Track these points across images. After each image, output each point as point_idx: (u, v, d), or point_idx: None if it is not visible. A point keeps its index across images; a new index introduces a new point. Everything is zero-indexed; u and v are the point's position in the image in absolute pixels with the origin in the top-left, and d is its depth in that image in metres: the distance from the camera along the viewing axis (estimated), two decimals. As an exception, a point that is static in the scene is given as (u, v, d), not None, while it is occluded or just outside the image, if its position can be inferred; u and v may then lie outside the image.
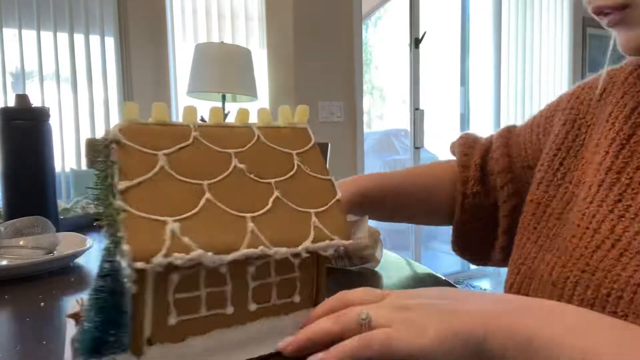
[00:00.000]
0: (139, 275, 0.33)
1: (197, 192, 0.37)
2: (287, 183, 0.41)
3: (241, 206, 0.38)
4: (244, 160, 0.41)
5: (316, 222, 0.39)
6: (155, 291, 0.34)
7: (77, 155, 2.54)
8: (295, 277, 0.40)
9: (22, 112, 0.83)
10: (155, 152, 0.38)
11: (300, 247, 0.37)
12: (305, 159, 0.43)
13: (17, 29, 2.44)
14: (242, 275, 0.38)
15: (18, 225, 0.70)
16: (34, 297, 0.54)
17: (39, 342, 0.40)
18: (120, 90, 2.59)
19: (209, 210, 0.37)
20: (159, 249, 0.32)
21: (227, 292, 0.37)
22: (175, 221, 0.34)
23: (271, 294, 0.39)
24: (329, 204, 0.41)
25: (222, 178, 0.39)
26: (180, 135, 0.41)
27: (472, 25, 3.35)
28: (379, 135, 4.72)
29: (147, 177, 0.36)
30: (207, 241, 0.34)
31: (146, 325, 0.34)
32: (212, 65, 2.13)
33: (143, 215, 0.34)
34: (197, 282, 0.36)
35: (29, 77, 2.52)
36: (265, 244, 0.36)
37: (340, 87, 2.65)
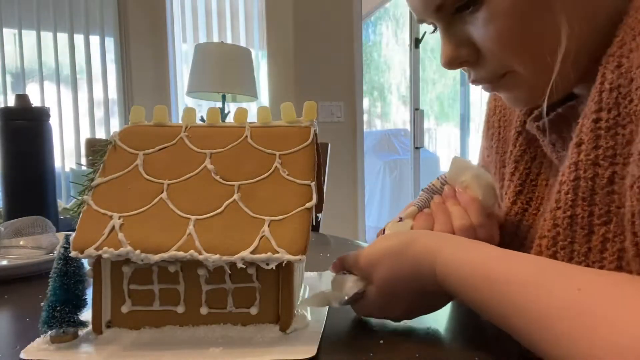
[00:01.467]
0: (94, 263, 0.38)
1: (155, 190, 0.40)
2: (254, 186, 0.40)
3: (192, 208, 0.39)
4: (217, 161, 0.42)
5: (266, 232, 0.37)
6: (112, 280, 0.39)
7: (77, 155, 2.54)
8: (254, 288, 0.39)
9: (22, 112, 0.83)
10: (137, 151, 0.42)
11: (235, 256, 0.36)
12: (289, 160, 0.42)
13: (17, 29, 2.45)
14: (195, 278, 0.39)
15: (18, 225, 0.70)
16: (34, 297, 0.54)
17: (39, 342, 0.40)
18: (120, 90, 2.59)
19: (158, 209, 0.39)
20: (94, 241, 0.36)
21: (180, 292, 0.39)
22: (120, 217, 0.38)
23: (226, 301, 0.39)
24: (292, 212, 0.39)
25: (185, 179, 0.41)
26: (168, 136, 0.44)
27: (472, 25, 3.35)
28: (379, 135, 4.73)
29: (118, 175, 0.41)
30: (141, 239, 0.37)
31: (105, 309, 0.39)
32: (212, 65, 2.13)
33: (98, 209, 0.38)
34: (150, 277, 0.39)
35: (29, 77, 2.52)
36: (197, 248, 0.36)
37: (340, 87, 2.65)
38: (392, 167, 4.37)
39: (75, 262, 0.38)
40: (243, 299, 0.39)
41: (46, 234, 0.71)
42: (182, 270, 0.38)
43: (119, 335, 0.38)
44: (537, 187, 0.47)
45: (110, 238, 0.37)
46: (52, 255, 0.68)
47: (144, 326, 0.39)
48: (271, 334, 0.38)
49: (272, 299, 0.39)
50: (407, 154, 3.45)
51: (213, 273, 0.38)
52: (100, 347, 0.37)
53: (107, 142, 0.43)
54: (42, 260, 0.65)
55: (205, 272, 0.38)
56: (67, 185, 2.33)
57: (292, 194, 0.40)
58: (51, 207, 0.85)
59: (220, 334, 0.38)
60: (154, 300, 0.39)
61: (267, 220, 0.38)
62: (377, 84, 5.24)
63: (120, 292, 0.39)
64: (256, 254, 0.36)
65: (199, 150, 0.43)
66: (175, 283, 0.39)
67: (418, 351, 0.37)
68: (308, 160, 0.42)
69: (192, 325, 0.39)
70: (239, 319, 0.39)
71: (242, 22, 2.80)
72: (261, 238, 0.37)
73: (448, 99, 4.98)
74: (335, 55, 2.63)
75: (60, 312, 0.37)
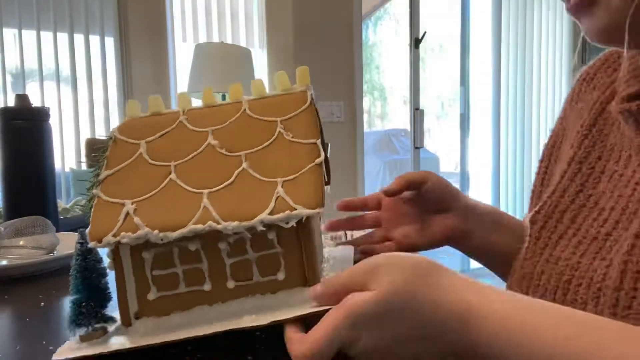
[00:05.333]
0: (113, 254, 0.37)
1: (163, 173, 0.40)
2: (261, 153, 0.40)
3: (203, 182, 0.39)
4: (220, 136, 0.42)
5: (280, 192, 0.37)
6: (134, 269, 0.38)
7: (77, 155, 2.54)
8: (277, 253, 0.38)
9: (22, 112, 0.83)
10: (138, 141, 0.42)
11: (254, 219, 0.36)
12: (291, 124, 0.42)
13: (17, 29, 2.44)
14: (217, 253, 0.38)
15: (18, 225, 0.70)
16: (34, 297, 0.54)
17: (39, 342, 0.40)
18: (120, 90, 2.59)
19: (169, 189, 0.39)
20: (111, 229, 0.36)
21: (204, 270, 0.38)
22: (133, 203, 0.37)
23: (252, 272, 0.38)
24: (303, 170, 0.39)
25: (191, 157, 0.41)
26: (167, 123, 0.44)
27: (472, 25, 3.35)
28: (379, 135, 4.73)
29: (124, 165, 0.41)
30: (157, 220, 0.36)
31: (131, 300, 0.38)
32: (212, 65, 2.13)
33: (109, 200, 0.38)
34: (172, 259, 0.38)
35: (29, 77, 2.52)
36: (214, 219, 0.36)
37: (340, 87, 2.65)
38: (392, 167, 4.37)
39: (93, 256, 0.38)
40: (268, 266, 0.38)
41: (46, 234, 0.71)
42: (202, 248, 0.38)
43: (149, 323, 0.38)
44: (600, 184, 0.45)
45: (127, 223, 0.36)
46: (52, 255, 0.68)
47: (172, 311, 0.38)
48: (302, 296, 0.38)
49: (296, 261, 0.39)
50: (407, 154, 3.45)
51: (234, 245, 0.38)
52: (132, 337, 0.37)
53: (108, 138, 0.43)
54: (42, 260, 0.65)
55: (226, 245, 0.38)
56: (67, 185, 2.33)
57: (300, 153, 0.40)
58: (51, 207, 0.85)
59: (251, 305, 0.38)
60: (179, 283, 0.38)
61: (279, 182, 0.38)
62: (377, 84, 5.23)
63: (144, 280, 0.38)
64: (274, 214, 0.36)
65: (200, 130, 0.43)
66: (197, 262, 0.38)
67: (418, 351, 0.37)
68: (310, 121, 0.42)
69: (221, 302, 0.38)
70: (267, 288, 0.39)
71: (242, 22, 2.80)
72: (277, 199, 0.37)
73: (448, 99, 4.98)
74: (335, 55, 2.63)
75: (87, 308, 0.37)
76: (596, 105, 0.49)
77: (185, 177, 0.39)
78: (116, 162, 0.41)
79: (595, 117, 0.48)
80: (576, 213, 0.45)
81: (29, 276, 0.63)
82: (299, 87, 0.45)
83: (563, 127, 0.56)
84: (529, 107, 3.38)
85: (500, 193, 3.43)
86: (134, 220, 0.36)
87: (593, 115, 0.49)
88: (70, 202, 1.12)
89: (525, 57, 3.34)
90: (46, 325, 0.45)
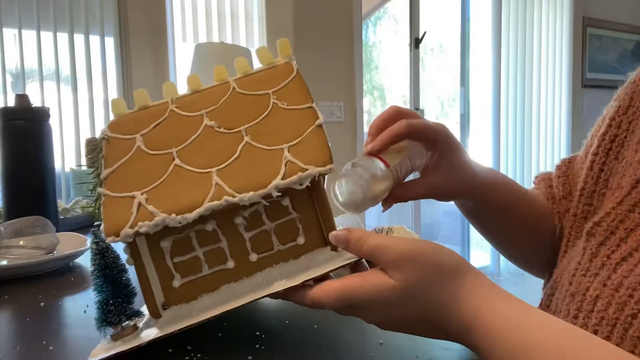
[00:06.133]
0: (130, 248, 0.37)
1: (166, 161, 0.40)
2: (260, 126, 0.41)
3: (209, 162, 0.39)
4: (215, 116, 0.42)
5: (288, 157, 0.38)
6: (154, 260, 0.37)
7: (77, 155, 2.54)
8: (294, 219, 0.39)
9: (22, 112, 0.83)
10: (133, 135, 0.42)
11: (269, 186, 0.36)
12: (284, 94, 0.43)
13: (17, 29, 2.44)
14: (234, 229, 0.38)
15: (18, 225, 0.70)
16: (34, 297, 0.54)
17: (39, 342, 0.40)
18: (120, 90, 2.59)
19: (176, 175, 0.39)
20: (126, 221, 0.36)
21: (224, 248, 0.38)
22: (143, 193, 0.37)
23: (272, 241, 0.39)
24: (305, 132, 0.39)
25: (191, 141, 0.41)
26: (158, 114, 0.44)
27: (472, 25, 3.35)
28: (379, 135, 4.72)
29: (124, 161, 0.41)
30: (172, 204, 0.36)
31: (157, 291, 0.38)
32: (212, 65, 2.12)
33: (117, 195, 0.38)
34: (190, 244, 0.38)
35: (29, 77, 2.52)
36: (228, 193, 0.36)
37: (340, 87, 2.65)
38: (392, 167, 4.37)
39: (111, 253, 0.38)
40: (286, 233, 0.39)
41: (46, 234, 0.71)
42: (219, 227, 0.38)
43: (179, 311, 0.38)
44: None
45: (141, 213, 0.36)
46: (52, 255, 0.68)
47: (200, 295, 0.38)
48: (324, 257, 0.38)
49: (314, 224, 0.39)
50: (407, 154, 3.44)
51: (250, 218, 0.38)
52: (163, 327, 0.37)
53: (100, 139, 0.43)
54: (42, 260, 0.65)
55: (243, 220, 0.38)
56: (67, 185, 2.33)
57: (299, 119, 0.40)
58: (51, 207, 0.85)
59: (277, 273, 0.38)
60: (202, 266, 0.38)
61: (285, 148, 0.38)
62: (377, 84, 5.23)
63: (166, 269, 0.38)
64: (287, 178, 0.36)
65: (193, 114, 0.43)
66: (216, 242, 0.38)
67: (418, 353, 0.37)
68: (301, 87, 0.43)
69: (246, 277, 0.39)
70: (289, 255, 0.39)
71: (242, 22, 2.80)
72: (286, 163, 0.37)
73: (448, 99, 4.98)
74: (335, 55, 2.63)
75: (115, 305, 0.37)
76: None
77: (189, 160, 0.39)
78: (115, 159, 0.41)
79: None
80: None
81: (29, 276, 0.63)
82: (282, 59, 0.46)
83: (629, 118, 0.46)
84: (529, 107, 3.38)
85: (500, 193, 3.42)
86: (148, 209, 0.36)
87: None
88: (70, 202, 1.12)
89: (525, 57, 3.34)
90: (46, 325, 0.45)
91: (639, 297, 0.36)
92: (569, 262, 0.46)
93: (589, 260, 0.42)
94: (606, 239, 0.41)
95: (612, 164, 0.46)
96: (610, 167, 0.46)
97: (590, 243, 0.42)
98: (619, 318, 0.36)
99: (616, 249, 0.39)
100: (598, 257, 0.41)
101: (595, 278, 0.40)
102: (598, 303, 0.38)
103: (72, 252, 0.67)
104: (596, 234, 0.42)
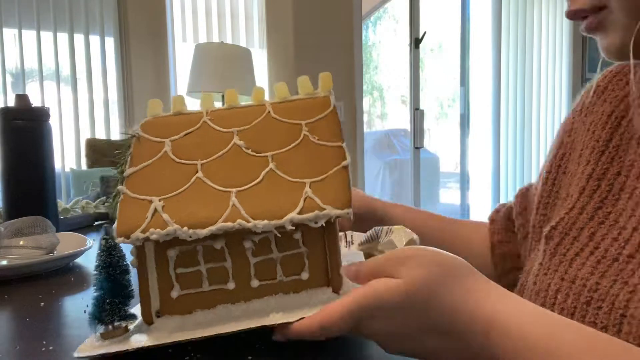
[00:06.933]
0: (138, 251, 0.37)
1: (190, 172, 0.40)
2: (287, 155, 0.41)
3: (230, 181, 0.39)
4: (246, 137, 0.42)
5: (309, 193, 0.37)
6: (158, 266, 0.38)
7: (77, 156, 2.54)
8: (302, 253, 0.39)
9: (22, 112, 0.83)
10: (163, 139, 0.42)
11: (284, 218, 0.36)
12: (316, 127, 0.42)
13: (17, 29, 2.45)
14: (241, 251, 0.38)
15: (18, 225, 0.70)
16: (34, 297, 0.54)
17: (39, 342, 0.40)
18: (120, 90, 2.59)
19: (196, 187, 0.39)
20: (139, 225, 0.35)
21: (228, 268, 0.38)
22: (160, 200, 0.37)
23: (276, 271, 0.39)
24: (330, 171, 0.39)
25: (217, 156, 0.41)
26: (191, 122, 0.44)
27: (472, 25, 3.35)
28: (379, 135, 4.73)
29: (149, 163, 0.41)
30: (186, 217, 0.36)
31: (154, 298, 0.38)
32: (212, 65, 2.13)
33: (135, 196, 0.38)
34: (196, 258, 0.38)
35: (29, 77, 2.52)
36: (243, 217, 0.36)
37: (340, 87, 2.65)
38: (392, 167, 4.38)
39: (118, 252, 0.37)
40: (292, 266, 0.39)
41: (46, 234, 0.71)
42: (227, 246, 0.38)
43: (171, 322, 0.38)
44: (619, 201, 0.44)
45: (155, 220, 0.36)
46: (52, 255, 0.68)
47: (195, 309, 0.38)
48: (325, 296, 0.38)
49: (320, 262, 0.39)
50: (407, 154, 3.45)
51: (259, 244, 0.38)
52: (153, 335, 0.36)
53: (132, 135, 0.43)
54: (42, 260, 0.65)
55: (252, 244, 0.38)
56: (67, 185, 2.33)
57: (326, 156, 0.40)
58: (51, 207, 0.85)
59: (275, 304, 0.38)
60: (203, 281, 0.38)
61: (307, 182, 0.38)
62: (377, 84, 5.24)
63: (167, 277, 0.38)
64: (303, 213, 0.36)
65: (225, 130, 0.43)
66: (222, 260, 0.38)
67: (418, 351, 0.37)
68: (333, 125, 0.43)
69: (244, 301, 0.39)
70: (290, 287, 0.39)
71: (242, 22, 2.80)
72: (305, 199, 0.37)
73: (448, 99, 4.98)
74: (335, 55, 2.63)
75: (111, 305, 0.36)
76: (611, 119, 0.48)
77: (212, 176, 0.39)
78: (141, 159, 0.41)
79: (611, 132, 0.47)
80: (594, 230, 0.43)
81: (29, 276, 0.63)
82: (321, 91, 0.45)
83: (572, 139, 0.54)
84: (529, 107, 3.38)
85: (500, 193, 3.43)
86: (162, 217, 0.36)
87: (609, 130, 0.47)
88: (71, 202, 1.12)
89: (525, 57, 3.35)
90: (46, 325, 0.45)
91: (590, 286, 0.40)
92: (532, 264, 0.50)
93: (549, 259, 0.46)
94: (562, 239, 0.46)
95: (561, 178, 0.53)
96: (560, 181, 0.53)
97: (549, 245, 0.47)
98: (577, 307, 0.40)
99: (570, 246, 0.44)
100: (556, 256, 0.45)
101: (555, 274, 0.44)
102: (558, 296, 0.42)
103: (72, 252, 0.67)
104: (553, 237, 0.46)
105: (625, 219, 0.42)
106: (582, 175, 0.48)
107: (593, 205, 0.45)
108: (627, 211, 0.42)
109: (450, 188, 4.71)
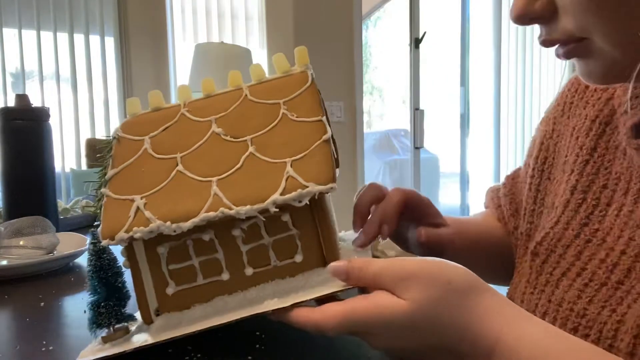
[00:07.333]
0: (128, 251, 0.37)
1: (170, 166, 0.40)
2: (267, 136, 0.40)
3: (211, 171, 0.38)
4: (224, 123, 0.42)
5: (290, 172, 0.36)
6: (150, 265, 0.37)
7: (77, 155, 2.54)
8: (293, 236, 0.38)
9: (22, 112, 0.83)
10: (142, 137, 0.42)
11: (266, 202, 0.35)
12: (295, 104, 0.41)
13: (17, 29, 2.45)
14: (231, 241, 0.38)
15: (18, 225, 0.70)
16: (34, 297, 0.54)
17: (39, 342, 0.40)
18: (120, 90, 2.59)
19: (177, 181, 0.38)
20: (123, 225, 0.35)
21: (220, 259, 0.38)
22: (142, 198, 0.37)
23: (269, 257, 0.38)
24: (311, 147, 0.38)
25: (196, 147, 0.41)
26: (169, 116, 0.44)
27: (472, 25, 3.35)
28: (379, 135, 4.73)
29: (130, 162, 0.41)
30: (168, 211, 0.36)
31: (150, 297, 0.38)
32: (212, 65, 2.13)
33: (118, 197, 0.38)
34: (187, 252, 0.37)
35: (29, 77, 2.52)
36: (225, 205, 0.35)
37: (340, 87, 2.65)
38: (392, 167, 4.38)
39: (108, 255, 0.37)
40: (284, 250, 0.38)
41: (46, 234, 0.71)
42: (216, 237, 0.37)
43: (171, 319, 0.38)
44: (606, 218, 0.42)
45: (138, 218, 0.36)
46: (52, 255, 0.68)
47: (193, 304, 0.38)
48: (322, 277, 0.37)
49: (313, 242, 0.38)
50: (407, 154, 3.45)
51: (248, 231, 0.37)
52: (154, 333, 0.36)
53: (111, 138, 0.43)
54: (42, 260, 0.65)
55: (240, 232, 0.37)
56: (67, 185, 2.33)
57: (306, 132, 0.39)
58: (51, 207, 0.85)
59: (272, 290, 0.37)
60: (197, 275, 0.38)
61: (288, 162, 0.37)
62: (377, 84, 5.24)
63: (160, 275, 0.38)
64: (286, 194, 0.35)
65: (202, 120, 0.43)
66: (213, 252, 0.38)
67: (418, 351, 0.37)
68: (313, 99, 0.42)
69: (241, 291, 0.38)
70: (285, 272, 0.38)
71: (242, 22, 2.80)
72: (287, 178, 0.36)
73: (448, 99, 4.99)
74: (335, 55, 2.63)
75: (106, 308, 0.36)
76: (595, 125, 0.46)
77: (192, 167, 0.39)
78: (121, 160, 0.41)
79: (596, 139, 0.45)
80: (581, 249, 0.42)
81: (29, 276, 0.63)
82: (298, 67, 0.44)
83: (555, 142, 0.51)
84: (529, 107, 3.38)
85: (500, 193, 3.43)
86: (145, 215, 0.36)
87: (593, 137, 0.45)
88: (70, 202, 1.12)
89: (526, 57, 3.34)
90: (46, 325, 0.45)
91: (578, 311, 0.38)
92: (520, 279, 0.49)
93: (535, 278, 0.44)
94: (547, 257, 0.44)
95: (546, 184, 0.51)
96: (544, 187, 0.51)
97: (535, 262, 0.45)
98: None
99: (557, 265, 0.43)
100: (542, 275, 0.44)
101: (542, 295, 0.43)
102: (546, 319, 0.40)
103: (72, 252, 0.67)
104: (539, 253, 0.45)
105: (613, 239, 0.40)
106: (566, 186, 0.46)
107: (579, 221, 0.43)
108: (615, 230, 0.40)
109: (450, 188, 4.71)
